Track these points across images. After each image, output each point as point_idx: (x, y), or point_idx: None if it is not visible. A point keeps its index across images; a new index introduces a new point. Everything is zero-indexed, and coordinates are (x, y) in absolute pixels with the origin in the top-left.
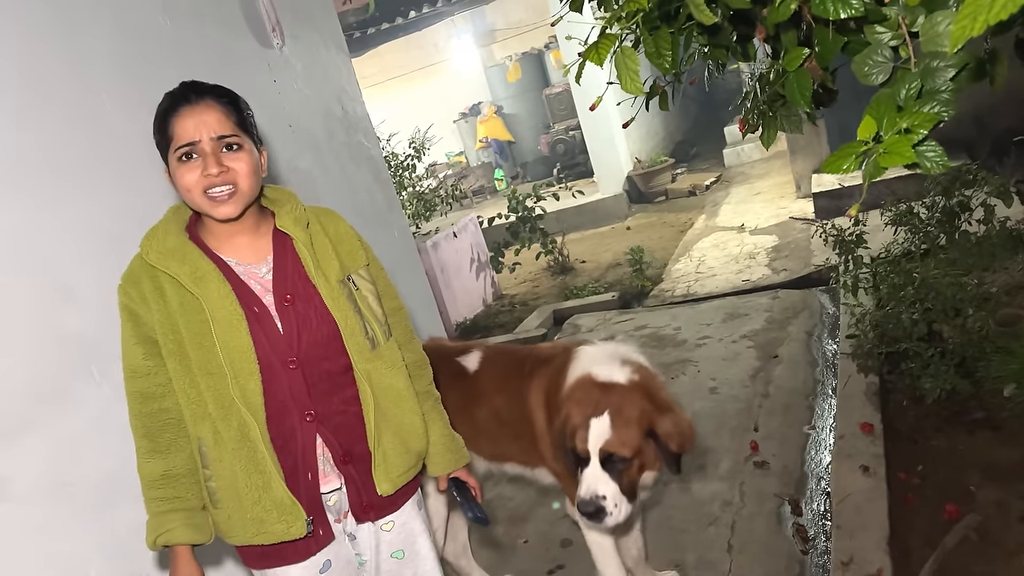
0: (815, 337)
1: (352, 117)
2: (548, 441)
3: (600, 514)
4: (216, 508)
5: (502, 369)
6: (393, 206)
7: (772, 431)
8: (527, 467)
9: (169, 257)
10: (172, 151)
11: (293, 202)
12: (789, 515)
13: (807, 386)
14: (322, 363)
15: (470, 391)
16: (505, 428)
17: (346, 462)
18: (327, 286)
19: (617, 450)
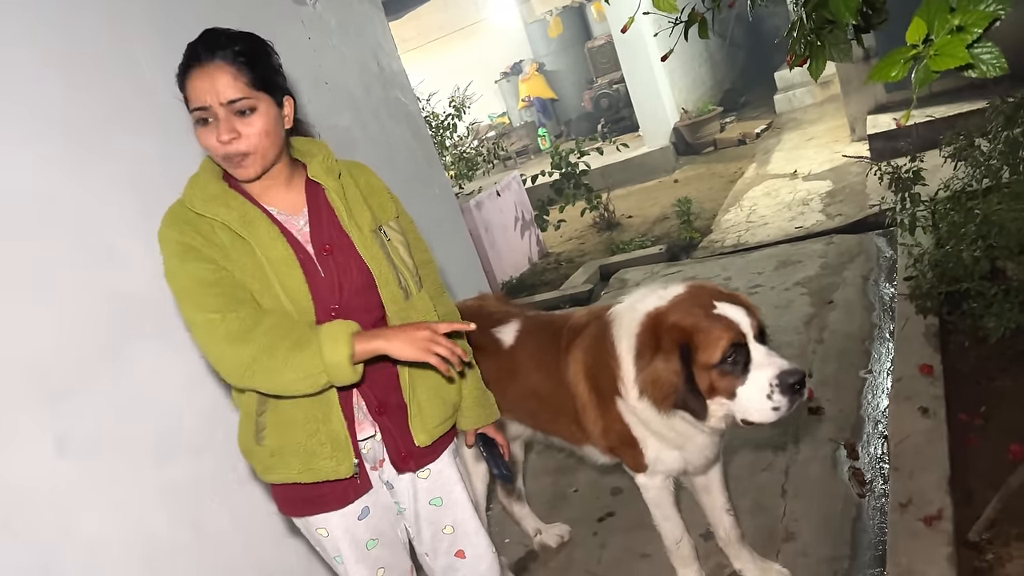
0: (871, 281)
1: (388, 73)
2: (594, 415)
3: (803, 378)
4: (260, 444)
5: (537, 344)
6: (433, 163)
7: (827, 377)
8: (573, 444)
9: (215, 203)
10: (190, 112)
11: (324, 152)
12: (845, 459)
13: (863, 330)
14: (361, 313)
15: (506, 366)
16: (545, 405)
17: (381, 412)
18: (361, 236)
19: (760, 321)
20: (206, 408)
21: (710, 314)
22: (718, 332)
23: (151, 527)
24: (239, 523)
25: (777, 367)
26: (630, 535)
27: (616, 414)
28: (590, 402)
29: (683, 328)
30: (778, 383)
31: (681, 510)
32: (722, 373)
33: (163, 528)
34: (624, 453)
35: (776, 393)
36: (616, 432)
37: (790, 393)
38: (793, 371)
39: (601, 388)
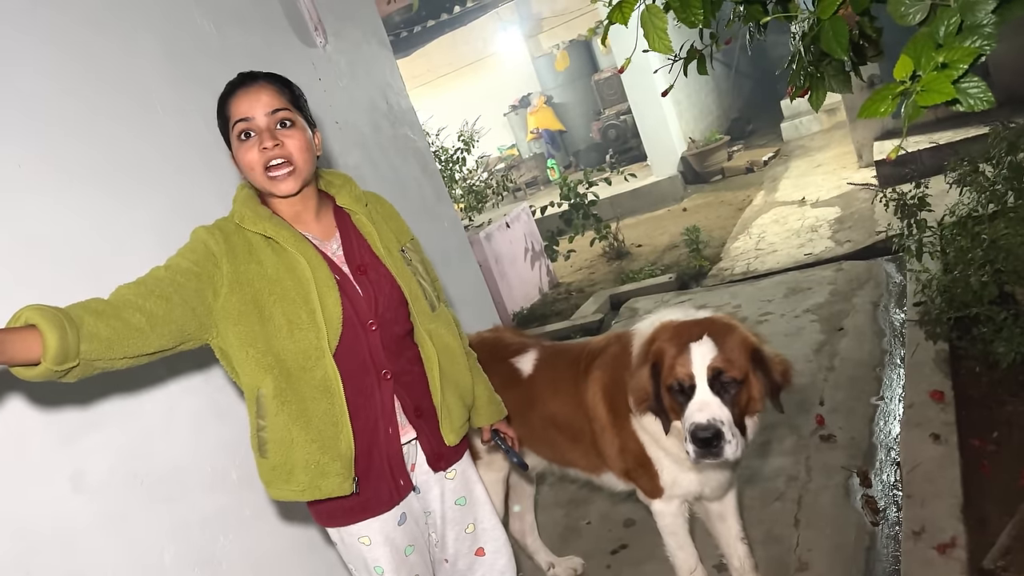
0: (881, 307)
1: (397, 111)
2: (612, 436)
3: (718, 440)
4: (264, 457)
5: (557, 371)
6: (442, 197)
7: (838, 404)
8: (591, 473)
9: (264, 223)
10: (232, 130)
11: (350, 184)
12: (857, 487)
13: (874, 357)
14: (393, 326)
15: (525, 396)
16: (564, 432)
17: (418, 416)
18: (390, 257)
19: (726, 368)
20: (219, 445)
21: (682, 347)
22: (673, 364)
23: (164, 564)
24: (252, 560)
25: (693, 419)
26: (643, 568)
27: (631, 432)
28: (608, 422)
29: (659, 350)
30: (689, 432)
31: (694, 540)
32: (673, 399)
33: (176, 565)
34: (640, 477)
35: (688, 439)
36: (632, 453)
37: (696, 445)
38: (704, 427)
39: (618, 407)
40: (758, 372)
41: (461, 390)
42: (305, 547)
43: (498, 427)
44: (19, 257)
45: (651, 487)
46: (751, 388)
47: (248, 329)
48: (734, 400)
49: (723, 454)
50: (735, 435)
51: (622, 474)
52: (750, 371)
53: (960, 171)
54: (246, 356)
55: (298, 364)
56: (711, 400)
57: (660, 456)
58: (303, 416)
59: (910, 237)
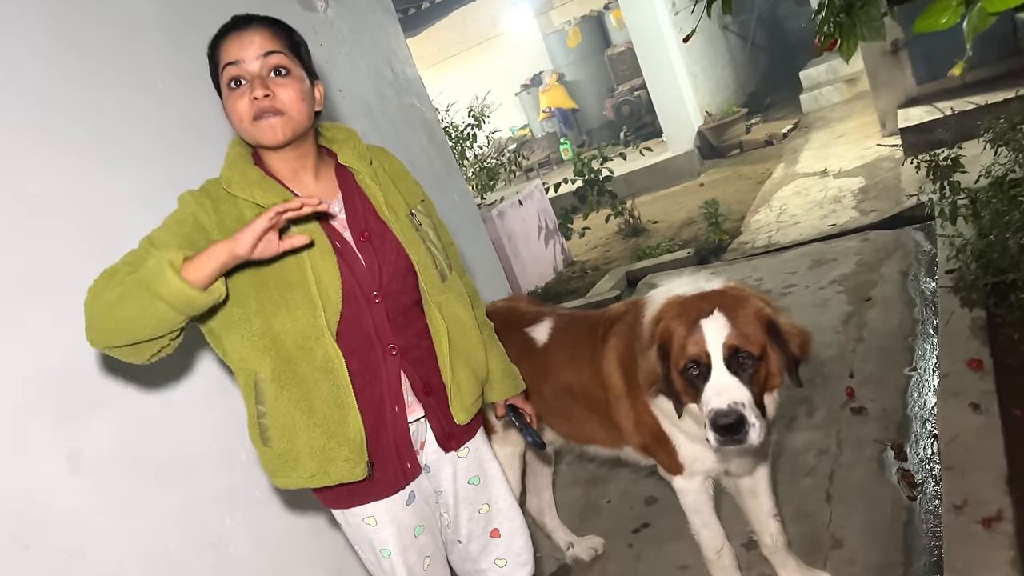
0: (911, 276)
1: (403, 79)
2: (627, 407)
3: (742, 425)
4: (267, 446)
5: (572, 339)
6: (451, 170)
7: (868, 376)
8: (612, 447)
9: (254, 187)
10: (221, 77)
11: (354, 138)
12: (892, 461)
13: (904, 327)
14: (400, 297)
15: (540, 366)
16: (579, 403)
17: (427, 393)
18: (397, 221)
19: (743, 344)
20: (224, 424)
21: (692, 323)
22: (684, 344)
23: (169, 546)
24: (260, 542)
25: (711, 404)
26: (667, 546)
27: (645, 405)
28: (623, 393)
29: (667, 328)
30: (709, 419)
31: (721, 518)
32: (687, 382)
33: (182, 548)
34: (658, 452)
35: (708, 426)
36: (647, 427)
37: (718, 432)
38: (725, 413)
39: (632, 377)
40: (775, 345)
41: (473, 364)
42: (316, 530)
43: (514, 402)
44: None
45: (670, 463)
46: (769, 363)
47: (242, 310)
48: (752, 378)
49: (747, 440)
50: (757, 417)
51: (640, 448)
52: (767, 345)
53: (995, 129)
54: (240, 338)
55: (296, 344)
56: (729, 381)
57: (676, 433)
58: (305, 400)
59: (943, 200)
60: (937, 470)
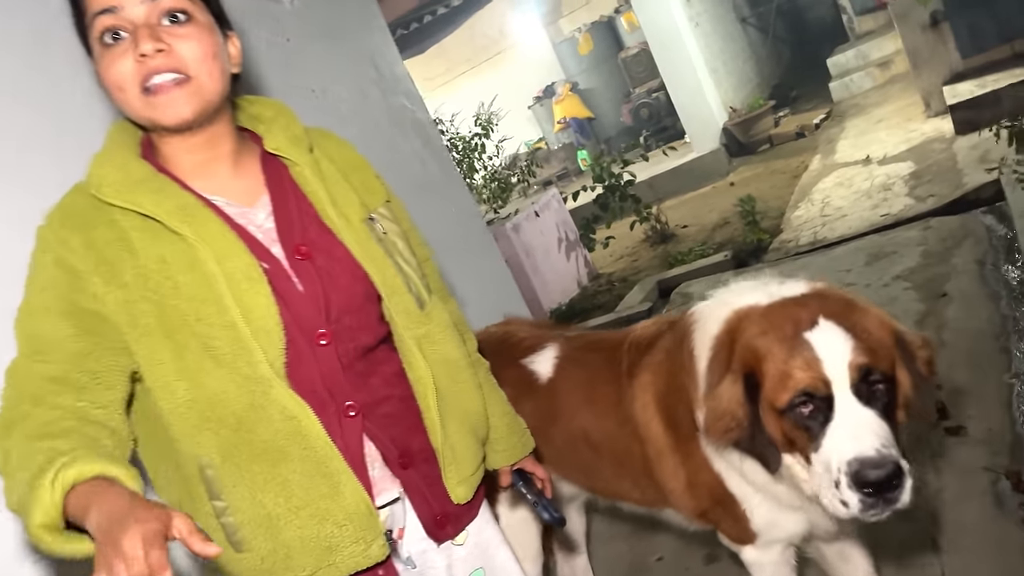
0: (989, 265)
1: (389, 78)
2: (675, 464)
3: (900, 478)
4: (241, 552)
5: (586, 372)
6: (450, 176)
7: (960, 386)
8: (648, 507)
9: (139, 190)
10: (90, 32)
11: (286, 116)
12: (1010, 494)
13: (993, 325)
14: (358, 335)
15: (545, 408)
16: (603, 456)
17: (405, 465)
18: (350, 229)
19: (874, 363)
20: None
21: (794, 338)
22: (788, 369)
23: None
24: None
25: (854, 451)
26: None
27: (702, 459)
28: (667, 445)
29: (754, 349)
30: (848, 474)
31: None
32: (793, 424)
33: None
34: (721, 518)
35: (844, 485)
36: (706, 486)
37: (864, 494)
38: (878, 463)
39: (679, 422)
40: (903, 364)
41: (472, 420)
42: None
43: (522, 466)
44: None
45: (738, 532)
46: (901, 389)
47: (159, 375)
48: (887, 412)
49: (900, 500)
50: (908, 472)
51: (694, 514)
52: (897, 363)
53: None
54: (170, 408)
55: (243, 406)
56: (869, 418)
57: (749, 493)
58: (275, 478)
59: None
60: None
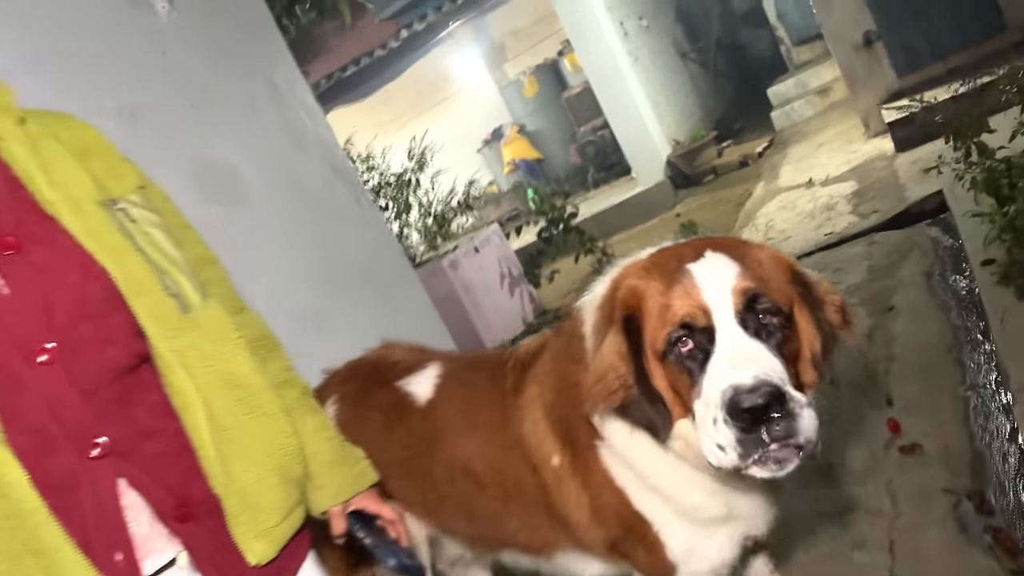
0: (936, 277)
1: (286, 94)
2: (575, 486)
3: (780, 405)
4: None
5: (469, 393)
6: (363, 201)
7: (913, 402)
8: (539, 554)
9: None
10: None
11: None
12: (974, 517)
13: (944, 337)
14: (103, 349)
15: (421, 434)
16: (489, 490)
17: (185, 518)
18: (79, 214)
19: (763, 288)
20: None
21: (675, 271)
22: (666, 301)
23: None
24: None
25: (729, 379)
26: None
27: (604, 474)
28: (565, 467)
29: (633, 289)
30: (722, 404)
31: None
32: (676, 368)
33: None
34: (633, 548)
35: (721, 420)
36: (612, 509)
37: (740, 429)
38: (752, 387)
39: (575, 433)
40: (806, 307)
41: (276, 456)
42: None
43: (361, 505)
44: None
45: (654, 564)
46: (800, 332)
47: None
48: (781, 350)
49: (798, 430)
50: (802, 402)
51: (604, 546)
52: (796, 302)
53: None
54: None
55: None
56: (754, 349)
57: (658, 508)
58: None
59: (972, 168)
60: None
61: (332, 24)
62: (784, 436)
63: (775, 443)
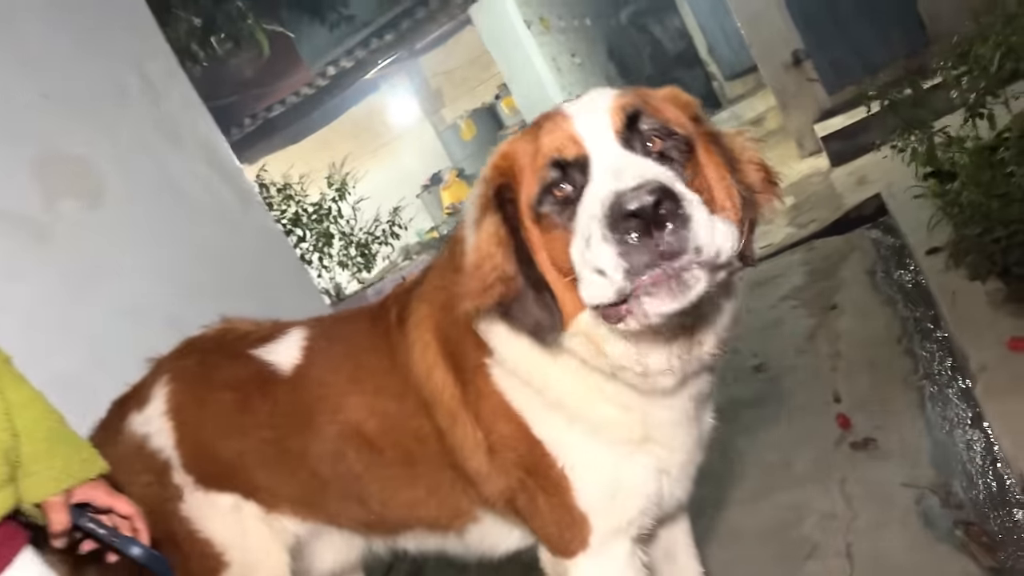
0: (880, 274)
1: (161, 88)
2: (469, 420)
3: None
4: None
5: (349, 345)
6: (250, 203)
7: (863, 396)
8: (448, 529)
9: None
10: None
11: None
12: (940, 511)
13: (892, 330)
14: None
15: (291, 410)
16: (387, 455)
17: None
18: None
19: (647, 108)
20: None
21: (547, 116)
22: (535, 147)
23: None
24: None
25: (610, 186)
26: None
27: (498, 399)
28: (457, 396)
29: (504, 153)
30: (602, 217)
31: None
32: (553, 225)
33: None
34: (536, 498)
35: (599, 238)
36: (510, 444)
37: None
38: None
39: (463, 356)
40: (714, 155)
41: None
42: None
43: (87, 497)
44: None
45: (560, 521)
46: (708, 177)
47: None
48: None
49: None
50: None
51: (504, 499)
52: (697, 138)
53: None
54: None
55: None
56: (633, 158)
57: (562, 430)
58: None
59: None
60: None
61: (249, 55)
62: (678, 248)
63: (668, 259)
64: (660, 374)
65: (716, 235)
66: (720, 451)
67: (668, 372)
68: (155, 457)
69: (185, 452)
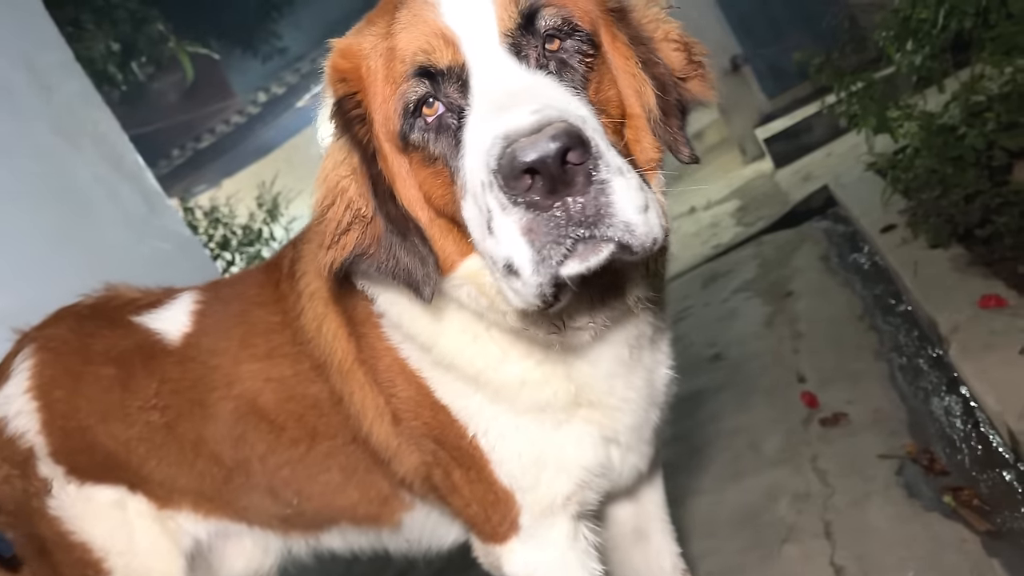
0: (834, 259)
1: (55, 83)
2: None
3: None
4: None
5: (241, 303)
6: (158, 208)
7: (828, 374)
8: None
9: None
10: None
11: None
12: (924, 478)
13: (853, 309)
14: None
15: (182, 384)
16: (291, 430)
17: None
18: None
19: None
20: None
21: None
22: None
23: None
24: None
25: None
26: None
27: (393, 358)
28: (350, 352)
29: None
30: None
31: None
32: (426, 157)
33: None
34: (450, 476)
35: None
36: (413, 410)
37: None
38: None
39: (356, 308)
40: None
41: None
42: None
43: None
44: None
45: (483, 500)
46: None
47: None
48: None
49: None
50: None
51: (420, 478)
52: (605, 27)
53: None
54: None
55: None
56: (525, 76)
57: (465, 399)
58: None
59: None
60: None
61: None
62: (594, 215)
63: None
64: (575, 329)
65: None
66: (684, 442)
67: (587, 326)
68: (15, 444)
69: (54, 438)
